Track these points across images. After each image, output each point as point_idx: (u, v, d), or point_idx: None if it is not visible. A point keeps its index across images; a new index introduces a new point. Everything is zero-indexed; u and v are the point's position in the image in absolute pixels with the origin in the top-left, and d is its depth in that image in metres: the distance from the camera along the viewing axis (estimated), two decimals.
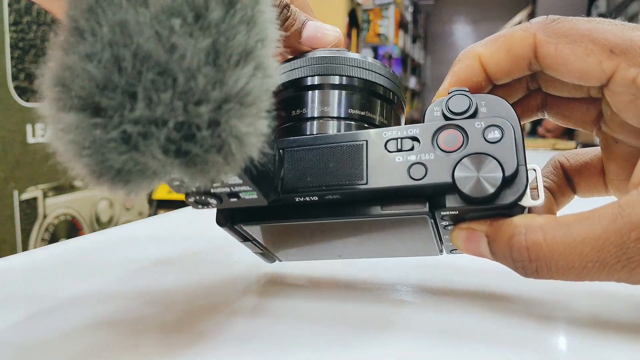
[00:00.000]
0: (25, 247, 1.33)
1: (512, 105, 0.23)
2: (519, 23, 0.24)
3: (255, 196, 0.21)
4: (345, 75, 0.25)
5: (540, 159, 0.29)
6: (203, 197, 0.22)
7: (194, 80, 0.16)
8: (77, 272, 0.33)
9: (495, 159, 0.21)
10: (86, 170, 0.16)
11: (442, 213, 0.22)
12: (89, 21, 0.16)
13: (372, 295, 0.28)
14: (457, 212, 0.22)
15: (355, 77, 0.25)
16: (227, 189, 0.21)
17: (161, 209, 1.72)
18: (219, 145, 0.16)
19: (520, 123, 0.22)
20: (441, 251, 0.26)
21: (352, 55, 0.26)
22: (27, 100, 1.31)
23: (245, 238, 0.27)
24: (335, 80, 0.25)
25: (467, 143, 0.21)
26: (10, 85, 1.26)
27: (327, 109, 0.25)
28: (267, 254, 0.29)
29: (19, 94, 1.28)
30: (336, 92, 0.25)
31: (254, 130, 0.17)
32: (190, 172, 0.16)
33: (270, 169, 0.22)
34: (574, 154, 0.28)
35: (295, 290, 0.28)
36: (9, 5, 1.25)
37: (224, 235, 0.27)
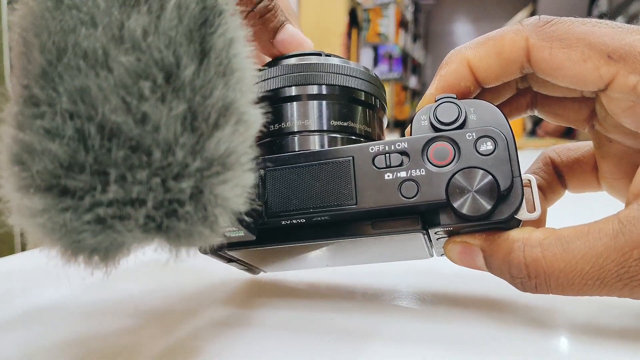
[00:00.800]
0: (24, 248, 1.32)
1: (501, 104, 0.23)
2: (520, 22, 0.24)
3: (242, 234, 0.20)
4: (324, 84, 0.24)
5: None
6: None
7: (172, 154, 0.14)
8: (75, 273, 0.32)
9: (489, 173, 0.20)
10: (59, 250, 0.15)
11: (436, 230, 0.21)
12: (44, 89, 0.14)
13: (366, 301, 0.27)
14: (451, 228, 0.21)
15: (336, 84, 0.24)
16: None
17: None
18: (204, 218, 0.15)
19: (511, 129, 0.21)
20: (431, 255, 0.26)
21: (330, 60, 0.24)
22: None
23: (229, 260, 0.26)
24: (314, 90, 0.24)
25: (459, 156, 0.21)
26: (9, 84, 1.26)
27: (307, 123, 0.23)
28: (252, 269, 0.29)
29: None
30: (315, 102, 0.24)
31: (240, 191, 0.15)
32: (174, 244, 0.15)
33: (257, 205, 0.20)
34: (565, 149, 0.28)
35: (289, 295, 0.28)
36: (8, 4, 1.24)
37: None
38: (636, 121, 0.21)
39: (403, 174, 0.21)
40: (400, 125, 4.63)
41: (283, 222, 0.22)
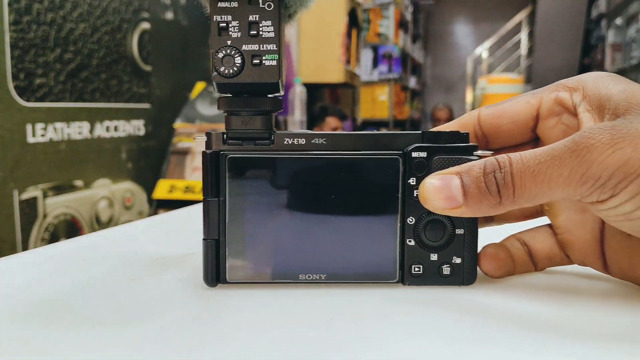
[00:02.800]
0: (25, 247, 1.33)
1: None
2: (519, 22, 0.26)
3: (274, 62, 0.25)
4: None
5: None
6: (232, 51, 0.25)
7: None
8: (76, 272, 0.32)
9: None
10: None
11: (412, 155, 0.27)
12: None
13: (363, 298, 0.28)
14: (425, 155, 0.27)
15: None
16: (255, 47, 0.25)
17: (161, 208, 1.73)
18: None
19: None
20: (399, 277, 0.28)
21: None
22: (27, 100, 1.30)
23: (216, 189, 0.27)
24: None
25: None
26: (10, 84, 1.26)
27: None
28: (212, 257, 0.28)
29: (18, 94, 1.28)
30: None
31: None
32: None
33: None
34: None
35: (286, 295, 0.28)
36: (9, 4, 1.24)
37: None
38: (563, 137, 0.26)
39: None
40: (400, 125, 4.64)
41: (286, 141, 0.27)
